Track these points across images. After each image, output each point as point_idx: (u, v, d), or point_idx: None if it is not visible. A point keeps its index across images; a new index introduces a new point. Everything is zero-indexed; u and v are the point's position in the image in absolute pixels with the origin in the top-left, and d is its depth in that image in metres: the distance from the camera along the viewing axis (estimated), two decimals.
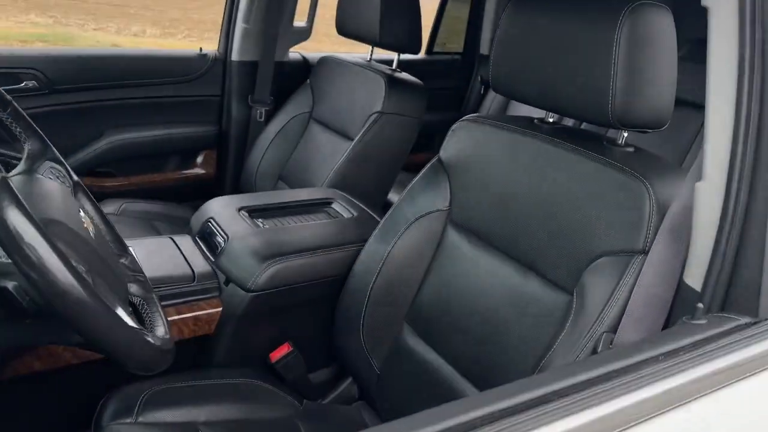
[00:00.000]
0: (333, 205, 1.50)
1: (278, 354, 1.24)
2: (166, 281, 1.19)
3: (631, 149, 0.99)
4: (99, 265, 0.67)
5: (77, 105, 1.90)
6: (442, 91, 2.69)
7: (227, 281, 1.22)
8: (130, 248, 0.96)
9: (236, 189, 2.18)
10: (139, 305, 0.85)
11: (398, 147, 1.78)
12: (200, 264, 1.26)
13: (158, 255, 1.27)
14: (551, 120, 1.11)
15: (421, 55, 2.76)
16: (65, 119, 1.89)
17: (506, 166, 1.08)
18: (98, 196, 1.89)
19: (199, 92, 2.10)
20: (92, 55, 1.90)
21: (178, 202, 2.03)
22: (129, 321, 0.63)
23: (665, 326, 0.80)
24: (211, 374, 1.16)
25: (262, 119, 2.12)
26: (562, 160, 1.00)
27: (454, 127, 1.20)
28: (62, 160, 0.85)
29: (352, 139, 1.76)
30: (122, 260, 0.88)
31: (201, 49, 2.09)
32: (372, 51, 1.96)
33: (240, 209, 1.38)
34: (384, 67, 1.87)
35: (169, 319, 1.13)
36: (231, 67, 2.10)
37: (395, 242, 1.19)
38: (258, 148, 2.03)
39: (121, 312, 0.63)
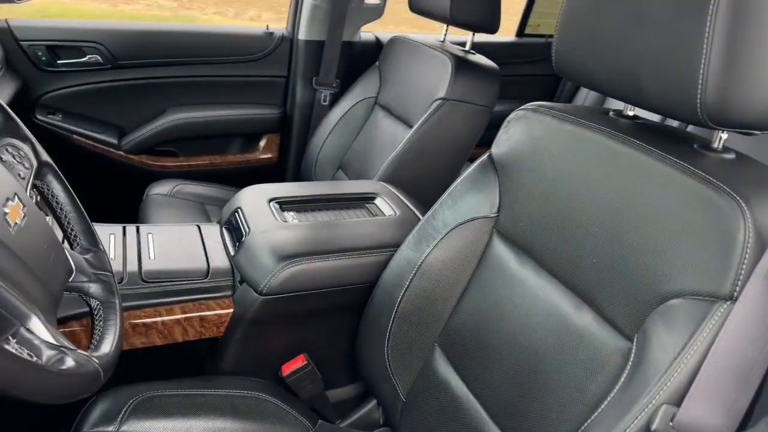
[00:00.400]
0: (376, 201, 1.34)
1: (292, 367, 1.10)
2: (175, 275, 1.08)
3: (730, 156, 0.74)
4: (9, 265, 0.55)
5: (140, 81, 1.86)
6: (532, 78, 2.43)
7: (242, 280, 1.10)
8: (152, 233, 0.85)
9: (297, 177, 2.08)
10: (95, 309, 0.73)
11: (462, 139, 1.57)
12: (218, 258, 1.15)
13: (176, 244, 1.18)
14: (631, 113, 0.87)
15: (510, 37, 2.51)
16: (128, 95, 1.87)
17: (568, 168, 0.86)
18: (156, 176, 1.88)
19: (264, 72, 2.01)
20: (156, 30, 1.85)
21: (237, 187, 1.95)
22: (13, 350, 0.50)
23: (751, 409, 0.57)
24: (213, 383, 1.04)
25: (326, 103, 1.99)
26: (638, 165, 0.77)
27: (510, 117, 1.00)
28: (29, 137, 0.75)
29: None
30: (86, 256, 0.77)
31: (268, 26, 1.99)
32: (446, 30, 1.77)
33: (271, 200, 1.26)
34: (455, 49, 1.67)
35: (173, 317, 1.04)
36: (297, 47, 1.98)
37: (430, 251, 1.01)
38: (320, 134, 1.91)
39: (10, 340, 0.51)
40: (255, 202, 1.25)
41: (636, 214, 0.75)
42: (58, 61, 1.76)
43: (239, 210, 1.24)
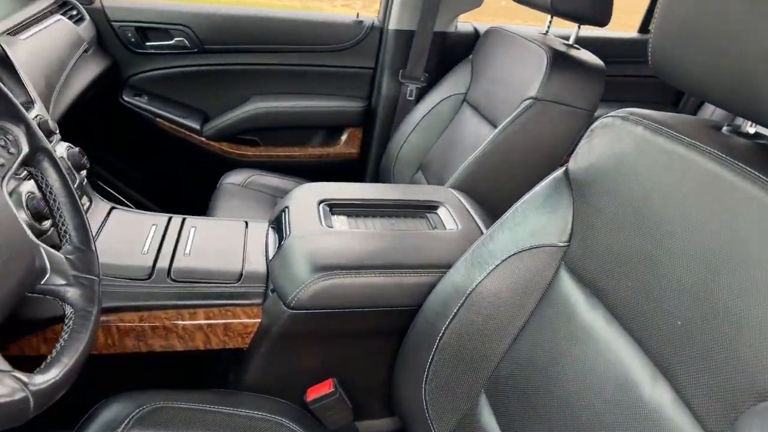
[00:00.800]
0: (438, 211, 1.18)
1: (318, 392, 0.98)
2: (204, 275, 1.00)
3: None
4: None
5: (226, 67, 1.83)
6: (651, 82, 2.13)
7: (273, 288, 0.99)
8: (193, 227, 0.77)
9: (377, 176, 1.96)
10: (68, 317, 0.65)
11: (552, 145, 1.36)
12: (255, 261, 1.06)
13: (216, 241, 1.09)
14: (751, 130, 0.65)
15: (632, 33, 2.22)
16: (213, 81, 1.84)
17: (658, 196, 0.66)
18: (235, 164, 1.84)
19: (351, 63, 1.90)
20: (244, 15, 1.80)
21: (312, 181, 1.88)
22: None
23: None
24: (231, 400, 0.94)
25: (412, 98, 1.85)
26: (753, 204, 0.56)
27: (594, 125, 0.80)
28: (25, 119, 0.69)
29: None
30: (71, 255, 0.69)
31: (358, 14, 1.88)
32: (550, 22, 1.56)
33: (321, 202, 1.14)
34: (556, 42, 1.46)
35: (195, 322, 0.96)
36: (387, 37, 1.85)
37: (482, 279, 0.84)
38: (402, 130, 1.77)
39: None
40: (304, 201, 1.14)
41: (743, 272, 0.54)
42: (147, 43, 1.76)
43: (287, 209, 1.13)
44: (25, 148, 0.67)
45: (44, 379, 0.55)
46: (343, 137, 1.97)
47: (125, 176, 1.92)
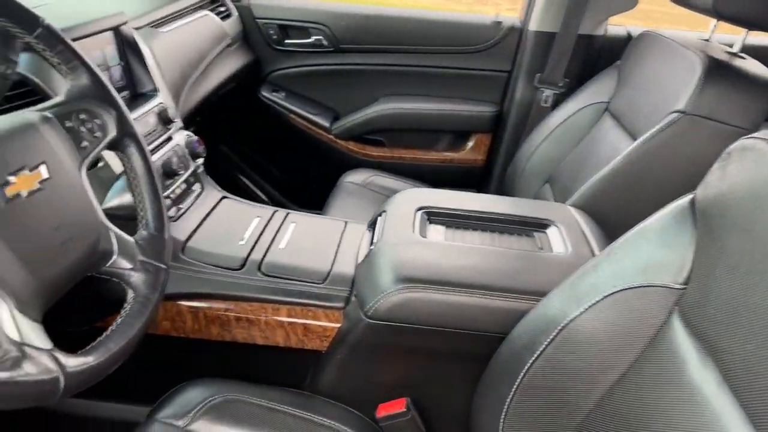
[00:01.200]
0: (548, 231, 1.07)
1: (389, 409, 0.92)
2: (291, 273, 0.99)
3: None
4: None
5: (359, 66, 1.84)
6: None
7: (356, 293, 0.96)
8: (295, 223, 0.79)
9: (501, 186, 1.85)
10: (128, 302, 0.66)
11: (696, 168, 1.16)
12: (345, 263, 1.03)
13: (312, 239, 1.08)
14: None
15: None
16: (346, 80, 1.86)
17: None
18: (360, 163, 1.84)
19: (485, 65, 1.81)
20: (379, 14, 1.79)
21: (433, 187, 1.82)
22: None
23: None
24: (304, 403, 0.92)
25: (548, 104, 1.72)
26: None
27: (730, 147, 0.66)
28: (118, 104, 0.71)
29: None
30: (143, 240, 0.70)
31: (497, 15, 1.79)
32: (714, 26, 1.35)
33: (420, 209, 1.08)
34: (717, 50, 1.26)
35: (277, 318, 0.95)
36: (526, 39, 1.74)
37: (579, 314, 0.73)
38: (533, 139, 1.65)
39: None
40: (403, 207, 1.09)
41: None
42: (287, 41, 1.83)
43: (384, 213, 1.09)
44: (113, 133, 0.70)
45: (82, 362, 0.55)
46: (470, 143, 1.89)
47: (256, 167, 2.01)
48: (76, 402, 1.06)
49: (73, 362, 0.54)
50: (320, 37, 1.80)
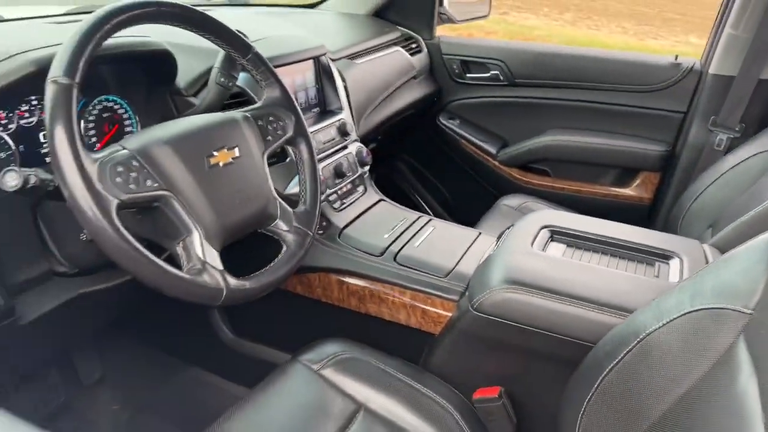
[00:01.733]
0: (670, 262, 1.09)
1: (484, 394, 1.04)
2: (420, 265, 1.17)
3: None
4: (192, 192, 0.76)
5: (530, 99, 1.97)
6: None
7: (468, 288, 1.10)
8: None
9: (666, 226, 1.81)
10: (281, 254, 0.90)
11: None
12: (468, 264, 1.18)
13: (444, 241, 1.26)
14: None
15: None
16: (516, 111, 2.00)
17: None
18: (520, 190, 1.96)
19: (659, 105, 1.81)
20: (555, 52, 1.90)
21: None
22: (169, 270, 0.71)
23: None
24: (415, 374, 1.08)
25: (721, 148, 1.66)
26: None
27: None
28: (297, 112, 0.96)
29: None
30: (299, 211, 0.94)
31: (677, 57, 1.78)
32: None
33: (545, 227, 1.19)
34: None
35: (403, 299, 1.14)
36: (705, 81, 1.71)
37: (657, 328, 0.80)
38: (701, 181, 1.61)
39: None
40: (531, 224, 1.21)
41: None
42: (467, 75, 2.03)
43: (511, 227, 1.22)
44: (290, 132, 0.96)
45: (240, 284, 0.80)
46: (636, 180, 1.89)
47: (426, 183, 2.24)
48: (244, 342, 1.36)
49: (234, 283, 0.79)
50: (497, 72, 1.97)
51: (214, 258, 0.78)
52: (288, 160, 1.18)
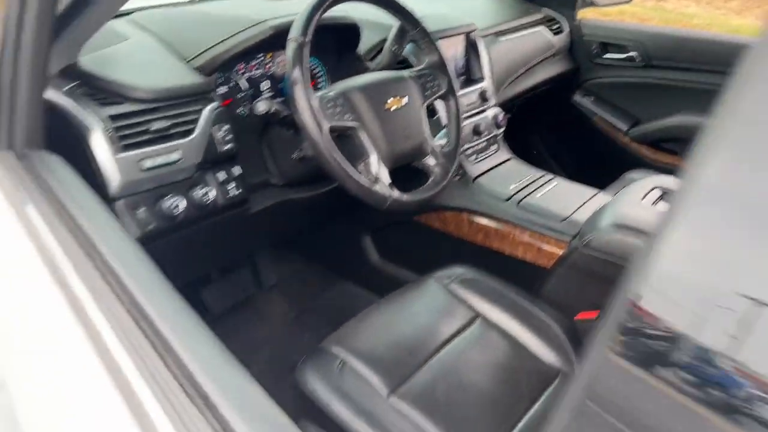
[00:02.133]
0: None
1: (585, 316, 1.25)
2: (539, 211, 1.39)
3: None
4: (375, 126, 1.06)
5: (665, 81, 2.06)
6: None
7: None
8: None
9: None
10: (428, 181, 1.17)
11: None
12: (583, 214, 1.37)
13: (564, 194, 1.47)
14: None
15: None
16: (650, 91, 2.10)
17: None
18: (647, 166, 2.08)
19: None
20: (692, 37, 1.97)
21: None
22: (357, 176, 1.01)
23: None
24: (527, 297, 1.29)
25: None
26: None
27: None
28: (449, 75, 1.22)
29: None
30: (445, 151, 1.20)
31: None
32: None
33: (656, 187, 1.35)
34: None
35: (521, 238, 1.38)
36: None
37: None
38: None
39: (358, 169, 1.04)
40: (645, 184, 1.37)
41: None
42: (605, 56, 2.16)
43: (627, 185, 1.39)
44: (443, 90, 1.22)
45: (400, 196, 1.09)
46: None
47: (557, 156, 2.40)
48: (387, 264, 1.67)
49: (396, 194, 1.08)
50: (635, 54, 2.08)
51: (385, 175, 1.08)
52: (435, 117, 1.45)
